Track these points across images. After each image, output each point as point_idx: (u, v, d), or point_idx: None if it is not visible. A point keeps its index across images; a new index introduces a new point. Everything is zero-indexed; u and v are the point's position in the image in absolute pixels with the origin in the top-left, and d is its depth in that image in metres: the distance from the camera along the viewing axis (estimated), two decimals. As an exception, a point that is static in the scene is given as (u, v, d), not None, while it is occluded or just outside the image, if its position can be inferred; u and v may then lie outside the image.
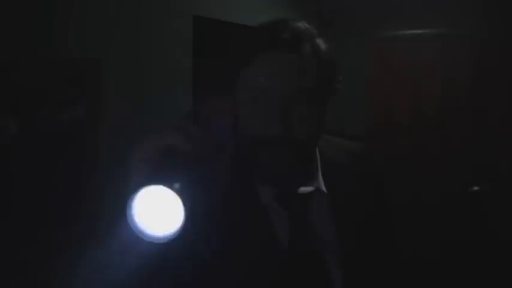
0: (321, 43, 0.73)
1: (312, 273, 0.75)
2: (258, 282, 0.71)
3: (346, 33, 2.92)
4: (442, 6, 2.77)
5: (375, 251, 0.81)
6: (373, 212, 0.84)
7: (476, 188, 2.69)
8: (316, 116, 0.73)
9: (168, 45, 1.88)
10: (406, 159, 2.94)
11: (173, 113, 1.85)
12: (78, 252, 1.43)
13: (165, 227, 0.57)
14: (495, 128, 2.72)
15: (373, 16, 2.95)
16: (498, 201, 2.64)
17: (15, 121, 1.25)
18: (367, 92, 3.02)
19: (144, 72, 1.76)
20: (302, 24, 0.73)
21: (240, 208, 0.74)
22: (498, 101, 2.73)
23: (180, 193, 0.56)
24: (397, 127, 3.00)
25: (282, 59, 0.69)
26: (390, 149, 2.96)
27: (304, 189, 0.77)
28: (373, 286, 0.80)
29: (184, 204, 0.56)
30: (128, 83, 1.69)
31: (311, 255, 0.75)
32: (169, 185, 0.56)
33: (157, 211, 0.58)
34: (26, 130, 1.28)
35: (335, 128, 0.89)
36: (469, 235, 2.69)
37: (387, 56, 3.00)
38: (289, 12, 2.64)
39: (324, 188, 0.79)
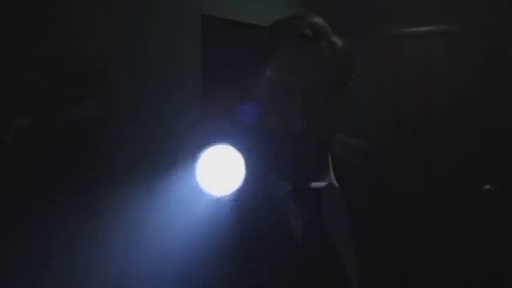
0: (337, 40, 0.75)
1: (328, 267, 0.75)
2: (273, 276, 0.71)
3: (352, 31, 2.91)
4: (450, 2, 2.74)
5: (385, 247, 0.82)
6: (382, 208, 0.85)
7: (487, 187, 2.67)
8: (334, 112, 0.73)
9: (178, 43, 1.88)
10: (415, 158, 2.92)
11: (182, 112, 1.87)
12: (85, 249, 1.45)
13: (224, 186, 0.61)
14: (506, 126, 2.69)
15: (379, 13, 2.94)
16: (510, 200, 2.61)
17: (27, 119, 1.27)
18: (375, 91, 3.00)
19: (153, 71, 1.77)
20: (320, 20, 0.75)
21: (256, 202, 0.74)
22: (508, 98, 2.70)
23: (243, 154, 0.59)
24: (405, 126, 2.98)
25: (303, 53, 0.71)
26: (399, 148, 2.94)
27: (317, 184, 0.78)
28: (385, 280, 0.80)
29: (246, 165, 0.60)
30: (137, 80, 1.71)
31: (326, 249, 0.76)
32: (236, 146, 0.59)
33: (220, 170, 0.61)
34: (38, 127, 1.30)
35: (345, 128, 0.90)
36: (481, 235, 2.67)
37: (395, 54, 2.98)
38: (295, 12, 2.63)
39: (336, 184, 0.79)
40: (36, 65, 1.32)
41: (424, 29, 2.88)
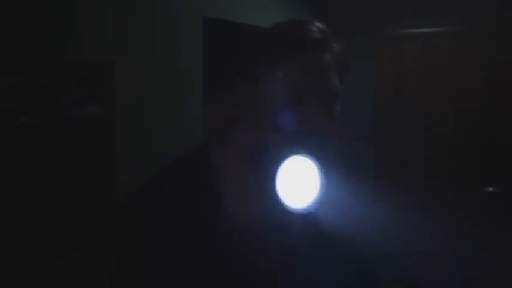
0: (335, 45, 0.77)
1: (324, 266, 0.77)
2: (271, 278, 0.72)
3: (353, 32, 2.91)
4: (453, 3, 2.74)
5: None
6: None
7: (490, 189, 2.66)
8: (336, 112, 0.75)
9: (180, 46, 1.89)
10: (416, 159, 2.91)
11: (183, 114, 1.88)
12: (87, 251, 1.45)
13: (301, 198, 0.61)
14: (507, 126, 2.68)
15: (379, 15, 2.94)
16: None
17: (32, 119, 1.29)
18: (375, 92, 3.00)
19: (155, 73, 1.78)
20: (322, 25, 0.77)
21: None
22: (510, 99, 2.69)
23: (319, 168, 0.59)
24: (406, 127, 2.97)
25: (312, 57, 0.72)
26: (399, 149, 2.94)
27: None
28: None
29: (321, 178, 0.60)
30: (141, 82, 1.72)
31: (322, 248, 0.77)
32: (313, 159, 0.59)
33: (298, 182, 0.61)
34: (43, 128, 1.32)
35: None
36: (483, 237, 2.66)
37: (395, 55, 2.98)
38: (294, 14, 2.64)
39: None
40: (40, 66, 1.34)
41: (423, 30, 2.88)
